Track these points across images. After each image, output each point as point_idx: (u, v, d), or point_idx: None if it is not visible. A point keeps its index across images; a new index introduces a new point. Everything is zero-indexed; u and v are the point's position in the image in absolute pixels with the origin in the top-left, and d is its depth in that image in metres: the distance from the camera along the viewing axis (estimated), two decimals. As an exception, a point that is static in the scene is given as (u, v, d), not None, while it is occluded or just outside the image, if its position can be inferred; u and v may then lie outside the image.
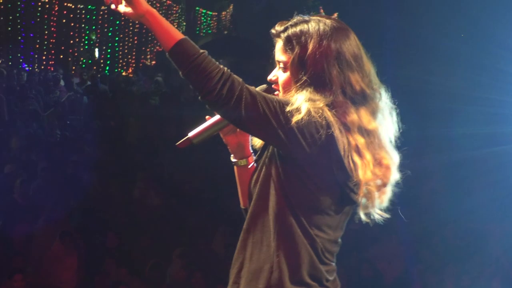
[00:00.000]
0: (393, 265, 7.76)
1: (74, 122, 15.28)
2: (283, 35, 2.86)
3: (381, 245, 7.96)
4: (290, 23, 2.87)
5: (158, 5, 27.68)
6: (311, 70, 2.76)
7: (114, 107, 15.12)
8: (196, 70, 2.62)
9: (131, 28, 26.14)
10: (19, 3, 23.33)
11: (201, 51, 2.65)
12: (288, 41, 2.83)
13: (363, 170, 2.74)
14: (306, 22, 2.85)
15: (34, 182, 9.77)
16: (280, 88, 2.87)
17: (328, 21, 2.85)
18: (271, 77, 2.91)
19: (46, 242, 8.18)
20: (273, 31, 2.89)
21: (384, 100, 2.88)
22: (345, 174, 2.73)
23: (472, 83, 11.07)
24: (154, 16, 2.67)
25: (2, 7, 22.91)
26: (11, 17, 23.20)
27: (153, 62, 25.72)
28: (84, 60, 25.35)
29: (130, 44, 26.54)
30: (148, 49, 26.79)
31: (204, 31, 30.16)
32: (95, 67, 25.10)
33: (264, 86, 2.93)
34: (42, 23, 23.97)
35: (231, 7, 29.88)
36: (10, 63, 22.32)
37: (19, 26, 23.47)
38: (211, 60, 2.64)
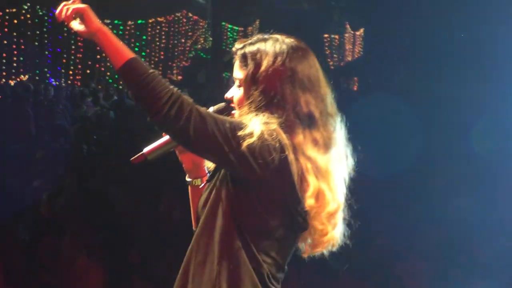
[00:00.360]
0: (420, 282, 7.69)
1: (100, 137, 15.34)
2: (239, 53, 2.83)
3: (408, 261, 7.89)
4: (249, 41, 2.85)
5: (185, 20, 27.80)
6: (263, 87, 2.72)
7: (140, 122, 15.16)
8: (145, 90, 2.58)
9: (158, 43, 26.27)
10: (46, 18, 23.53)
11: (151, 71, 2.62)
12: (244, 58, 2.80)
13: (306, 197, 2.68)
14: (265, 40, 2.83)
15: (60, 197, 9.79)
16: (235, 106, 2.83)
17: (287, 40, 2.82)
18: (227, 95, 2.88)
19: (72, 257, 8.20)
20: (233, 49, 2.86)
21: (339, 130, 2.81)
22: (296, 199, 2.67)
23: (489, 95, 11.02)
24: (105, 34, 2.64)
25: (29, 22, 23.13)
26: (38, 32, 23.42)
27: (180, 77, 25.79)
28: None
29: (156, 59, 26.65)
30: (174, 64, 26.90)
31: (230, 46, 30.20)
32: (122, 82, 25.23)
33: (222, 104, 2.89)
34: (69, 38, 24.15)
35: (257, 22, 29.92)
36: (37, 78, 22.53)
37: (46, 41, 23.69)
38: (160, 80, 2.61)
